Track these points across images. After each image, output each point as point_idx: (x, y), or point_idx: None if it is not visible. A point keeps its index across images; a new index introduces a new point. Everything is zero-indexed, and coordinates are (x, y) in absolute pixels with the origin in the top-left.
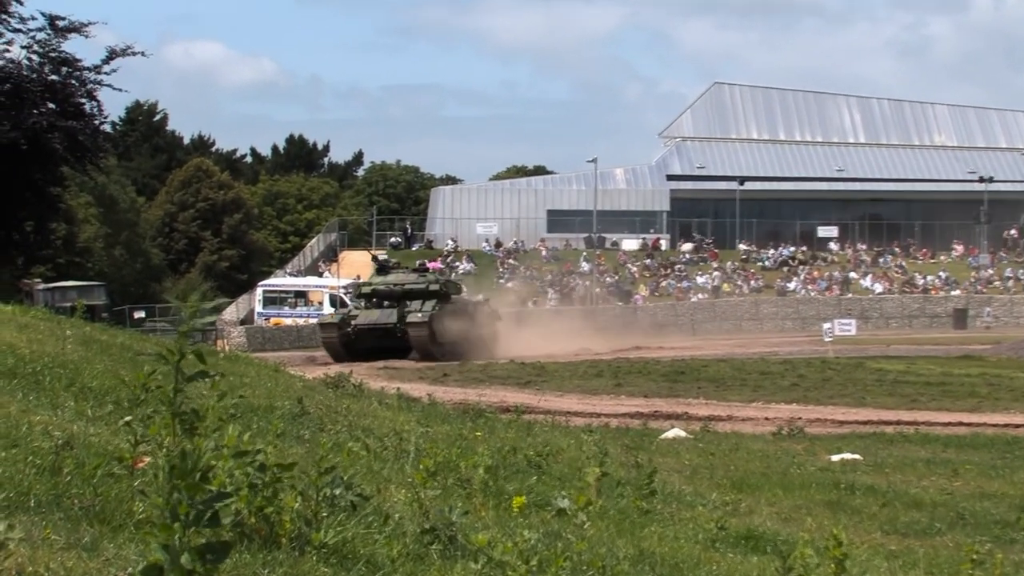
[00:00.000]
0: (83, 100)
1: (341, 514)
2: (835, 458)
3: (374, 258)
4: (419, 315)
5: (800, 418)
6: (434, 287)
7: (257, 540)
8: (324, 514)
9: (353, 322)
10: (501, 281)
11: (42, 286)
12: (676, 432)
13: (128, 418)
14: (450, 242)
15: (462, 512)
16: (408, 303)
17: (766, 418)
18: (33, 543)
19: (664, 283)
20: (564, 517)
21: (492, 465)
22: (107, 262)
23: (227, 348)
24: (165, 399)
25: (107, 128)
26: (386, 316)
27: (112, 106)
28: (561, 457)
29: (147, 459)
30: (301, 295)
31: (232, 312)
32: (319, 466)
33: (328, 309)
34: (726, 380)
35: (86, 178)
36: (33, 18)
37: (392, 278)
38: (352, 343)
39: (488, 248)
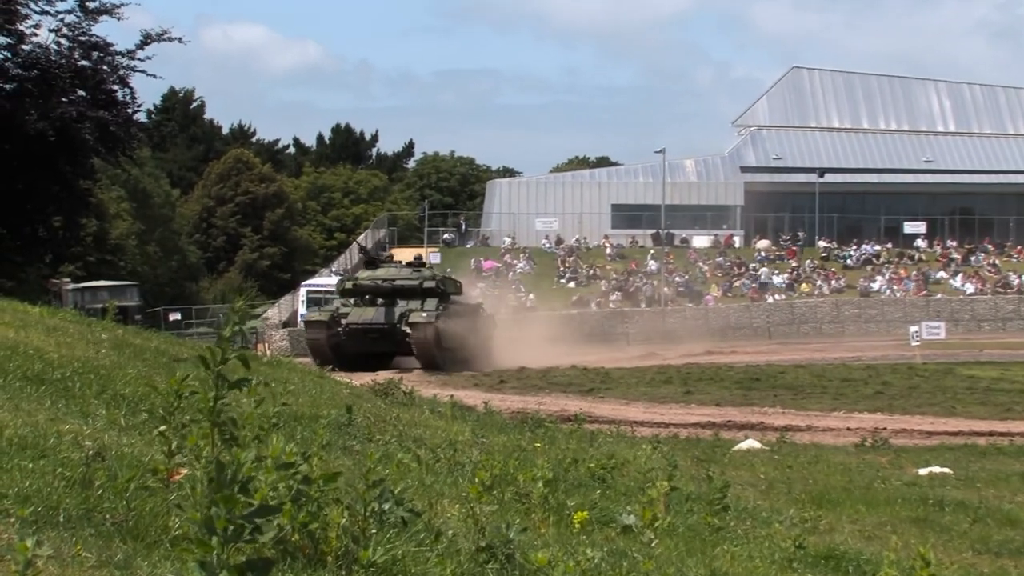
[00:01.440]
0: (115, 87)
1: (391, 531)
2: (923, 472)
3: (361, 248)
4: (423, 315)
5: (885, 428)
6: (429, 284)
7: (301, 558)
8: (372, 530)
9: (344, 321)
10: (561, 281)
11: (71, 286)
12: (750, 443)
13: (163, 427)
14: (507, 239)
15: (520, 529)
16: (399, 302)
17: (848, 428)
18: (63, 560)
19: (737, 283)
20: (630, 534)
21: (552, 478)
22: (140, 260)
23: (269, 352)
24: (204, 407)
25: (141, 117)
26: (383, 316)
27: (146, 94)
28: (626, 470)
29: (184, 471)
30: None
31: (274, 314)
32: (367, 479)
33: None
34: (804, 387)
35: (118, 171)
36: None
37: (382, 273)
38: (342, 345)
39: (548, 245)
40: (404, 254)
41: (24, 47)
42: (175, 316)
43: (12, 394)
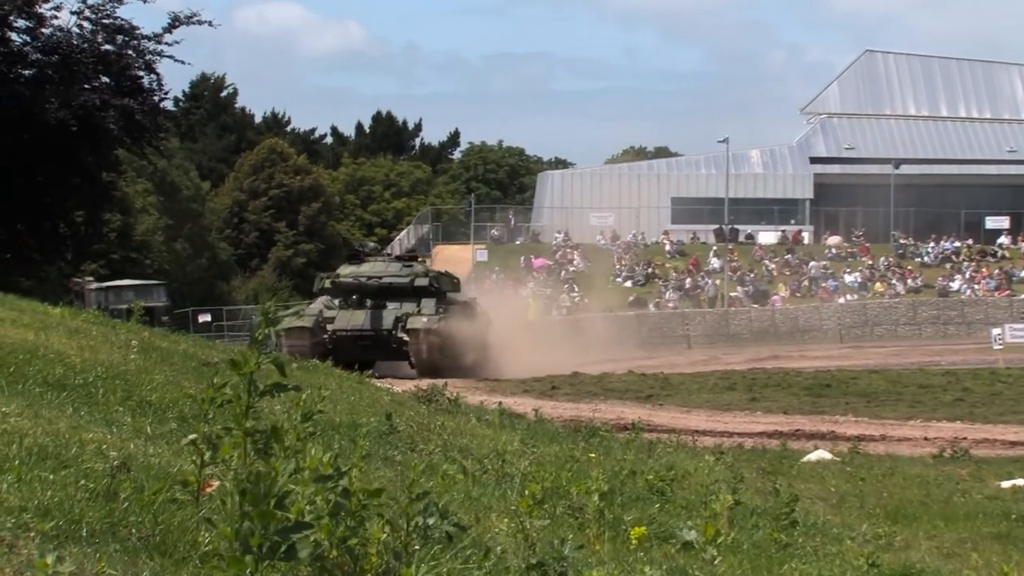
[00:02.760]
0: (141, 73)
1: (435, 547)
2: (1006, 484)
3: (344, 242)
4: (424, 320)
5: (965, 438)
6: (421, 282)
7: None
8: (416, 547)
9: (330, 327)
10: (617, 280)
11: (94, 286)
12: (820, 454)
13: (193, 436)
14: (558, 235)
15: (574, 545)
16: (389, 304)
17: (925, 438)
18: None
19: (806, 282)
20: (690, 551)
21: (608, 491)
22: (168, 258)
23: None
24: (236, 415)
25: (168, 105)
26: (375, 320)
27: (174, 80)
28: (687, 482)
29: (215, 483)
30: None
31: None
32: (410, 492)
33: None
34: (879, 394)
35: (144, 162)
36: None
37: (367, 269)
38: (328, 354)
39: (603, 242)
40: (449, 252)
41: (44, 30)
42: (205, 317)
43: (32, 400)
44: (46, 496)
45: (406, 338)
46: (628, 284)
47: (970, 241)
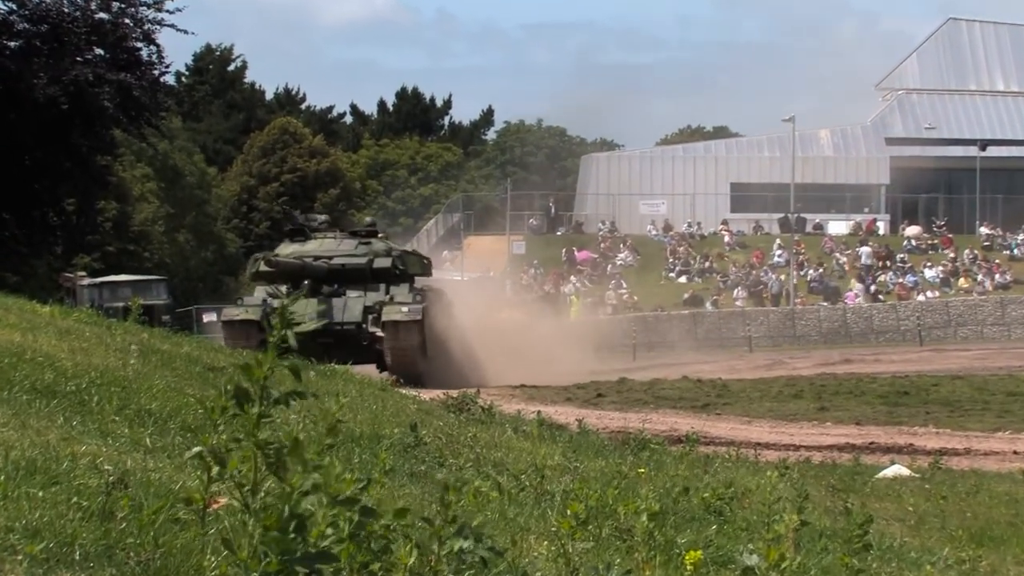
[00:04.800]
0: (139, 45)
1: (467, 572)
2: None
3: (285, 212)
4: (404, 311)
5: None
6: (382, 263)
7: None
8: (446, 572)
9: None
10: (671, 275)
11: (87, 281)
12: (897, 470)
13: (198, 449)
14: (603, 225)
15: (621, 571)
16: (348, 292)
17: (1015, 452)
18: None
19: (883, 277)
20: None
21: (659, 511)
22: (169, 251)
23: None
24: (246, 426)
25: (169, 80)
26: (339, 312)
27: (176, 52)
28: (748, 501)
29: (222, 501)
30: None
31: None
32: (440, 512)
33: None
34: (963, 403)
35: (143, 144)
36: None
37: (314, 247)
38: None
39: (655, 233)
40: (482, 244)
41: None
42: (210, 317)
43: (19, 409)
44: (35, 515)
45: (379, 333)
46: (682, 280)
47: None
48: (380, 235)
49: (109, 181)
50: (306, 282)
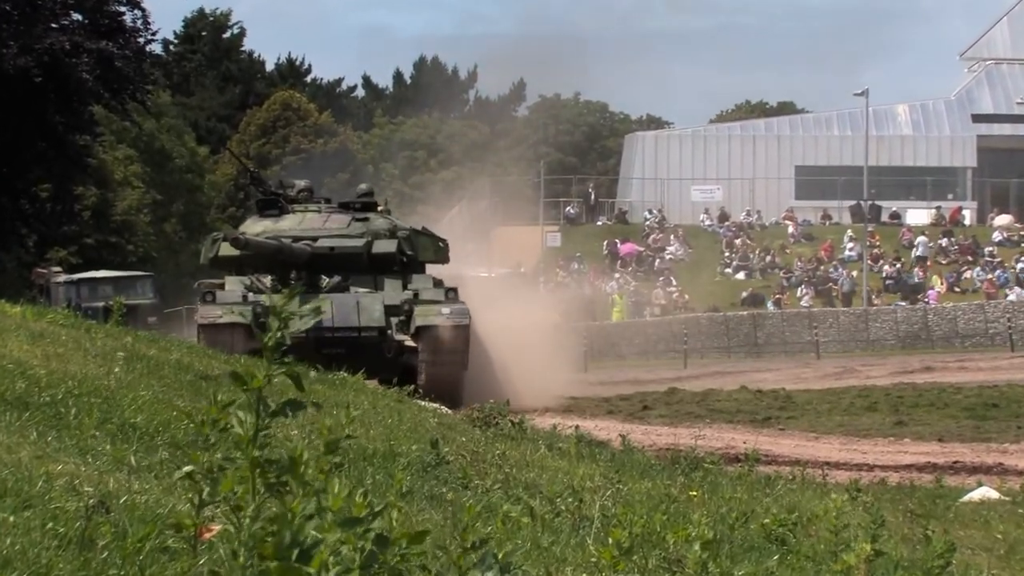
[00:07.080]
0: (122, 8)
1: None
2: None
3: (247, 171)
4: (445, 313)
5: None
6: (384, 247)
7: None
8: None
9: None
10: (727, 271)
11: (63, 278)
12: (984, 492)
13: (189, 468)
14: (649, 214)
15: None
16: (357, 287)
17: None
18: None
19: (968, 273)
20: None
21: (713, 539)
22: (156, 243)
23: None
24: (241, 442)
25: (156, 49)
26: (351, 313)
27: (164, 19)
28: (814, 528)
29: (216, 527)
30: None
31: None
32: (463, 539)
33: None
34: None
35: (126, 122)
36: None
37: (291, 224)
38: None
39: (709, 223)
40: (512, 234)
41: None
42: None
43: None
44: (5, 543)
45: (409, 342)
46: (740, 276)
47: None
48: (380, 207)
49: (88, 164)
50: (293, 272)
